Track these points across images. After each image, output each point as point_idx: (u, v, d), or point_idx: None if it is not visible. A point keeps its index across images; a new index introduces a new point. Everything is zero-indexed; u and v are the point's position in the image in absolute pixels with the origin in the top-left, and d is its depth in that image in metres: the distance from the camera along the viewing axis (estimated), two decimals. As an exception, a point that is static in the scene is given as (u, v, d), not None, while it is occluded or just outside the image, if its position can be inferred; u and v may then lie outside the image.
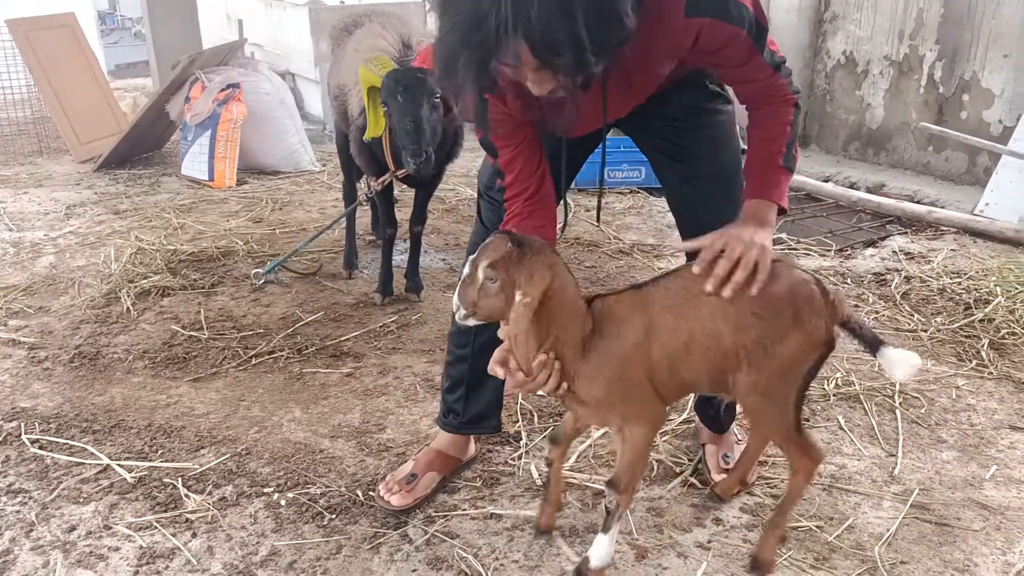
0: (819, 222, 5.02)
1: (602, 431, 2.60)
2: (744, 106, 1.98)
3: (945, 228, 4.55)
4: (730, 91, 2.12)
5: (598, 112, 1.88)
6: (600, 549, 1.95)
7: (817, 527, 2.22)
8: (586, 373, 1.81)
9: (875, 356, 1.82)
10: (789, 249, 4.42)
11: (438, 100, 3.11)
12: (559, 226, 2.09)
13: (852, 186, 5.51)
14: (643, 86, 1.92)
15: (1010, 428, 2.67)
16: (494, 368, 1.81)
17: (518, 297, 1.68)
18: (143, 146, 6.24)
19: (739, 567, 2.08)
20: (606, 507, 1.95)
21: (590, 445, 2.58)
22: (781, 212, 1.93)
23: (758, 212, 1.89)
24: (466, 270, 1.75)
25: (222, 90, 5.50)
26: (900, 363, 1.78)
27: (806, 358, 1.81)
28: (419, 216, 3.83)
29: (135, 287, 3.80)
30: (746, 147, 1.99)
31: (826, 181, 5.59)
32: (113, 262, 4.08)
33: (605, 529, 1.95)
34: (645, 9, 1.57)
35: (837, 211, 5.17)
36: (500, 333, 1.81)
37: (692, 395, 2.58)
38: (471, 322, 1.79)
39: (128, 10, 14.29)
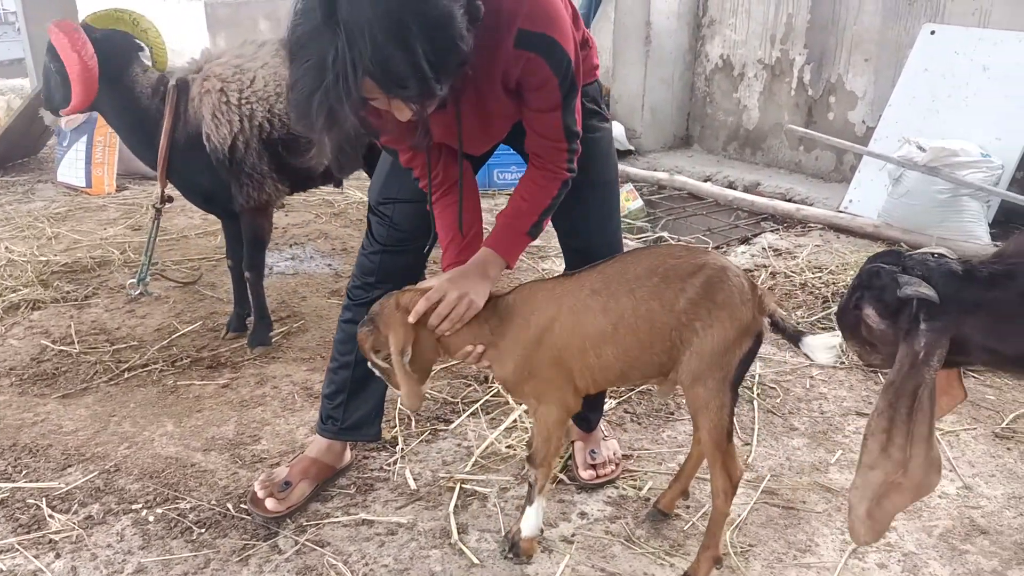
0: (700, 220, 5.23)
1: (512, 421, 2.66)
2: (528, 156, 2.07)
3: (812, 225, 4.81)
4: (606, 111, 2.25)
5: (474, 130, 1.98)
6: (528, 520, 2.13)
7: (674, 515, 2.34)
8: (496, 356, 1.99)
9: (798, 347, 1.95)
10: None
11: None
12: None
13: (731, 185, 5.74)
14: (497, 113, 1.97)
15: (856, 414, 2.86)
16: None
17: (392, 349, 1.92)
18: (17, 152, 6.01)
19: (600, 558, 2.17)
20: (528, 481, 2.12)
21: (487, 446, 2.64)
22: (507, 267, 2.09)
23: (487, 262, 2.02)
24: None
25: (99, 94, 5.32)
26: (821, 348, 1.91)
27: (737, 345, 1.90)
28: (238, 251, 3.30)
29: (3, 301, 3.67)
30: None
31: (707, 180, 5.82)
32: (-21, 275, 3.93)
33: (530, 501, 2.12)
34: (482, 35, 1.65)
35: (717, 209, 5.40)
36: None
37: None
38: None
39: (12, 4, 13.96)
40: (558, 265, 4.05)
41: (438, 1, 1.54)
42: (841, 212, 4.87)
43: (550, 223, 2.22)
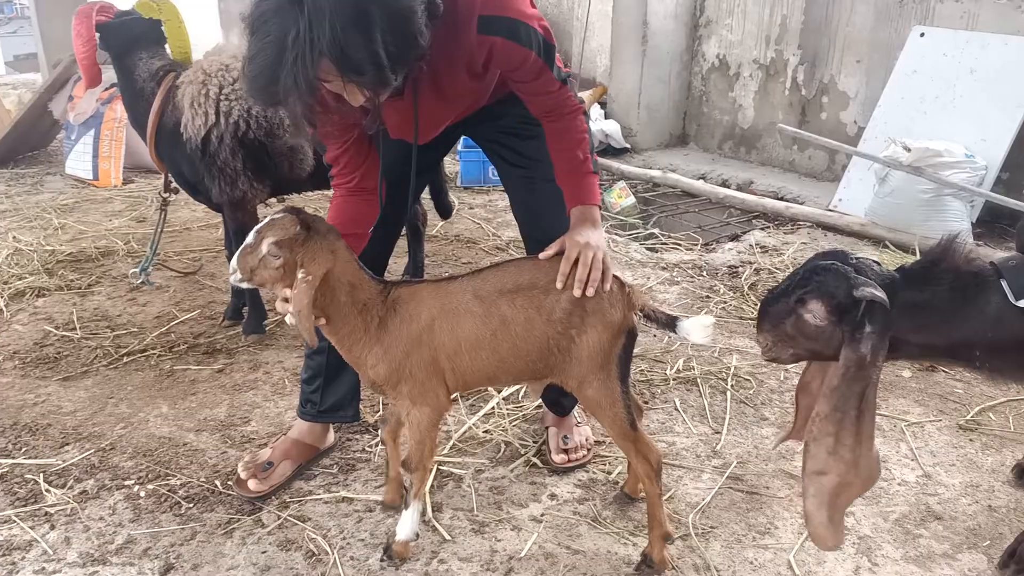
0: (692, 217, 5.32)
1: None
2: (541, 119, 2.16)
3: (802, 222, 4.89)
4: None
5: (432, 118, 2.07)
6: (403, 525, 2.14)
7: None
8: (374, 353, 1.97)
9: (675, 332, 2.01)
10: (660, 243, 4.69)
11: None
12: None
13: (724, 183, 5.83)
14: (455, 95, 2.07)
15: (826, 405, 2.95)
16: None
17: (300, 275, 1.83)
18: (27, 144, 6.15)
19: (566, 537, 2.28)
20: (404, 487, 2.14)
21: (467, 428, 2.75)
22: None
23: (586, 215, 2.11)
24: (250, 239, 1.87)
25: (106, 89, 5.46)
26: (695, 328, 1.98)
27: (612, 344, 2.00)
28: (230, 242, 3.42)
29: (9, 288, 3.80)
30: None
31: (701, 178, 5.91)
32: (-12, 263, 4.07)
33: (405, 505, 2.15)
34: (441, 25, 1.74)
35: (711, 207, 5.49)
36: (278, 306, 1.95)
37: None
38: (244, 285, 1.92)
39: None
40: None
41: None
42: (830, 211, 4.95)
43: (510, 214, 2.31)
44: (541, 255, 2.05)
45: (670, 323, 2.02)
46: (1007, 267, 1.79)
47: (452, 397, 2.11)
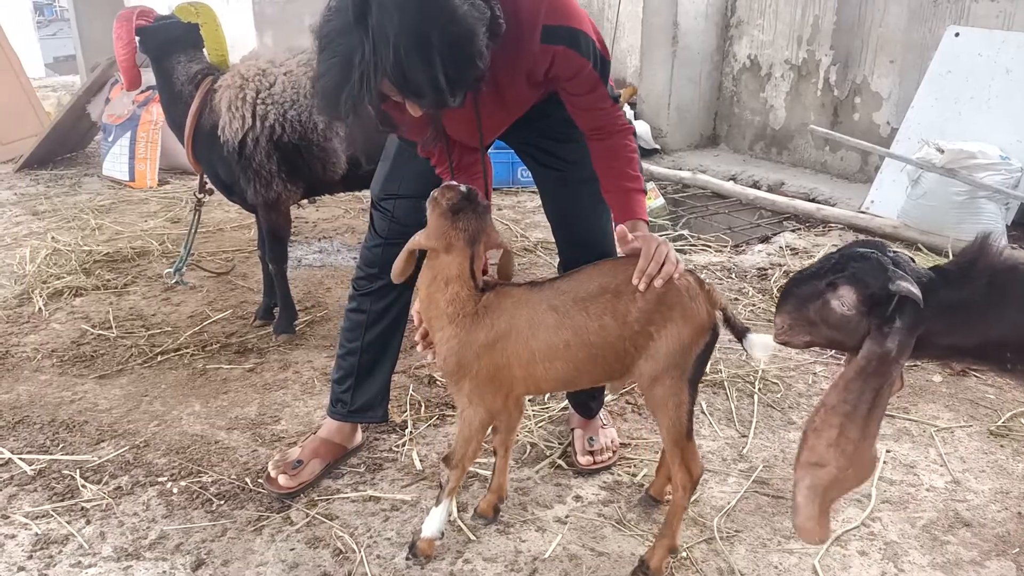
0: (722, 219, 5.30)
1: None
2: (585, 133, 2.17)
3: (833, 224, 4.85)
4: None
5: (492, 125, 2.14)
6: (430, 522, 2.17)
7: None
8: (450, 346, 2.01)
9: (742, 343, 2.00)
10: (689, 245, 4.67)
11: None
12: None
13: (755, 184, 5.80)
14: (515, 101, 2.11)
15: (854, 410, 2.93)
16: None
17: (416, 237, 2.00)
18: (66, 146, 6.28)
19: (591, 539, 2.29)
20: (440, 481, 2.17)
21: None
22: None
23: (638, 229, 2.10)
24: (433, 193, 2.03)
25: (142, 91, 5.57)
26: (760, 345, 1.97)
27: (693, 343, 1.96)
28: (262, 243, 3.51)
29: (48, 288, 3.89)
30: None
31: (732, 179, 5.88)
32: (28, 263, 4.17)
33: (437, 502, 2.18)
34: (503, 45, 1.79)
35: (742, 208, 5.46)
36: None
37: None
38: None
39: (66, 1, 14.38)
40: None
41: (463, 20, 1.65)
42: (862, 212, 4.90)
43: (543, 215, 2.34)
44: (623, 249, 2.03)
45: (742, 332, 2.00)
46: None
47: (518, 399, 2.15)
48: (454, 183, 2.01)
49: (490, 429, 2.21)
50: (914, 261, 1.79)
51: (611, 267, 2.04)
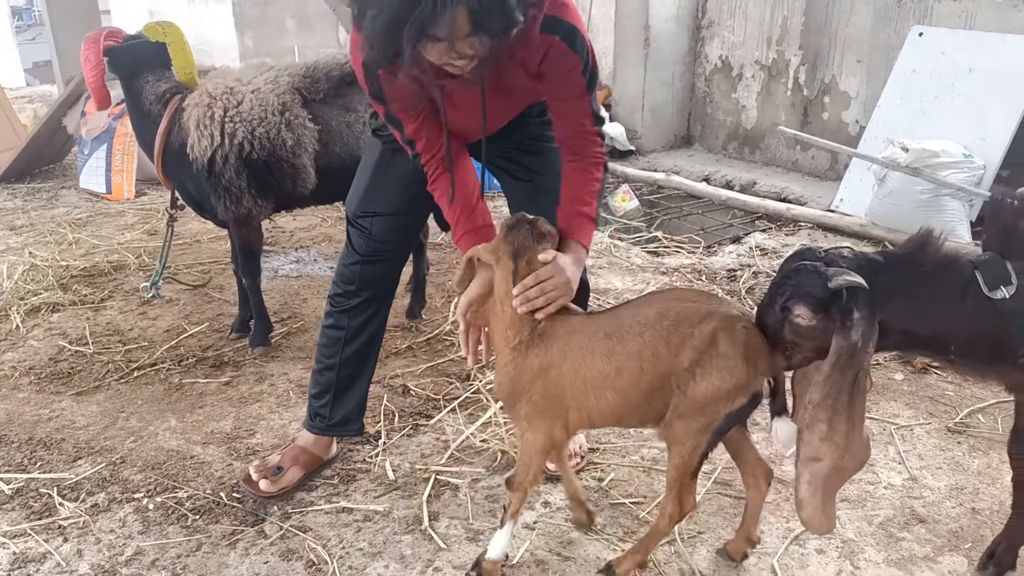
0: (696, 219, 5.38)
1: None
2: (560, 148, 2.22)
3: (802, 224, 4.93)
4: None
5: (495, 114, 2.17)
6: (495, 543, 2.17)
7: (633, 503, 2.51)
8: (507, 371, 2.05)
9: (771, 421, 1.96)
10: (663, 247, 4.74)
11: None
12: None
13: (728, 184, 5.88)
14: (516, 90, 2.16)
15: (817, 410, 3.01)
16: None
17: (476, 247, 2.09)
18: (43, 159, 6.29)
19: (558, 544, 2.35)
20: (503, 505, 2.19)
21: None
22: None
23: (579, 254, 2.14)
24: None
25: (117, 104, 5.58)
26: (784, 434, 1.92)
27: (729, 398, 1.88)
28: (236, 257, 3.55)
29: (25, 304, 3.92)
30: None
31: (705, 180, 5.96)
32: (5, 280, 4.19)
33: (501, 524, 2.18)
34: None
35: (714, 208, 5.54)
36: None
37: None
38: None
39: (42, 4, 14.14)
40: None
41: None
42: (830, 211, 4.99)
43: None
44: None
45: (777, 412, 1.95)
46: (980, 261, 1.84)
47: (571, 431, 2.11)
48: (524, 214, 2.06)
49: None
50: (851, 249, 1.86)
51: (673, 295, 2.07)
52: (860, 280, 1.72)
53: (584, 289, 2.58)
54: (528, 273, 2.01)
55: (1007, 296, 1.78)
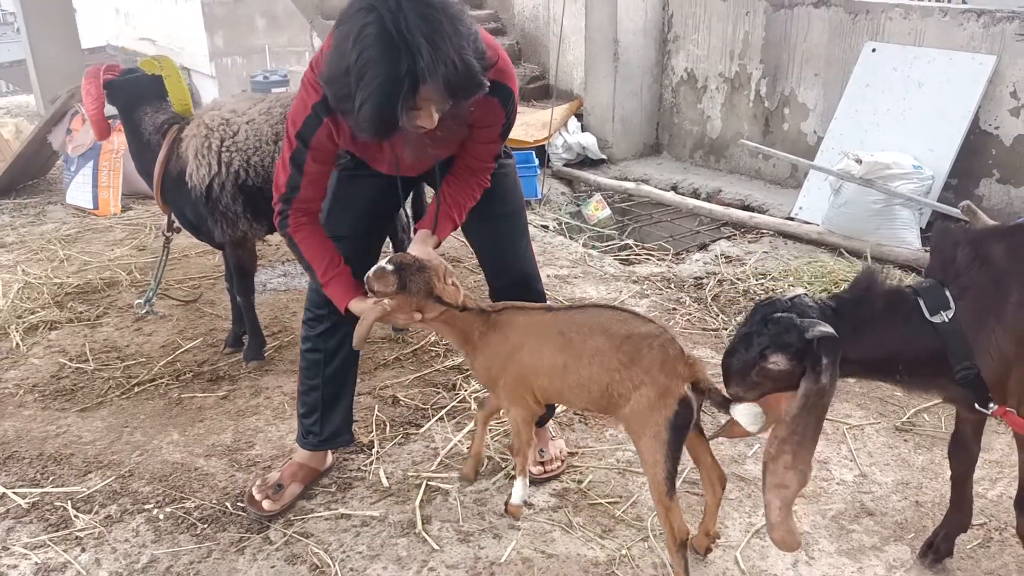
0: (665, 227, 5.63)
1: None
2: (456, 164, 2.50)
3: (764, 231, 5.19)
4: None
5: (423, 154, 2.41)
6: (515, 493, 2.67)
7: (610, 503, 2.74)
8: (479, 361, 2.50)
9: (728, 413, 2.16)
10: (634, 255, 4.98)
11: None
12: None
13: (695, 192, 6.14)
14: (452, 140, 2.39)
15: (777, 412, 3.26)
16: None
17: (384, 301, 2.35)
18: (28, 173, 6.38)
19: (541, 542, 2.58)
20: (514, 465, 2.70)
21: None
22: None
23: (428, 243, 2.46)
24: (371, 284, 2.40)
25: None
26: (746, 415, 2.10)
27: (659, 406, 2.16)
28: (230, 277, 3.76)
29: (23, 322, 4.07)
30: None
31: (673, 188, 6.21)
32: (1, 298, 4.33)
33: (517, 475, 2.67)
34: None
35: (683, 215, 5.79)
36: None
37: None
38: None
39: (10, 4, 13.85)
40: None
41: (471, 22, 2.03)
42: (790, 219, 5.26)
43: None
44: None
45: (724, 404, 2.17)
46: (922, 288, 2.08)
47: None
48: (382, 266, 2.33)
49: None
50: (808, 295, 2.10)
51: (622, 315, 2.35)
52: (831, 330, 1.92)
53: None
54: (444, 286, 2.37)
55: (946, 320, 2.01)
